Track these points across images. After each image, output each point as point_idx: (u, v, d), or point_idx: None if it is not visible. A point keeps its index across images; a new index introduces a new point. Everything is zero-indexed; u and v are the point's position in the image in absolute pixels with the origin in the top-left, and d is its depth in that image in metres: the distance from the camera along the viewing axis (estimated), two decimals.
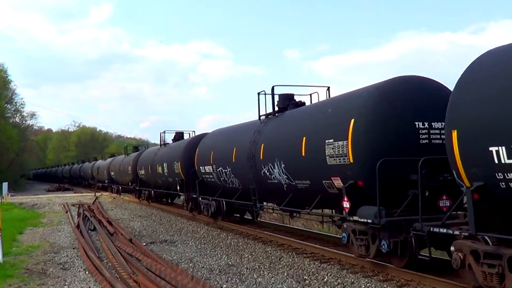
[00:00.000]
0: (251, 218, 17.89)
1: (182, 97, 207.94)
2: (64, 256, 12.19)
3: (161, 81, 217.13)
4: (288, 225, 17.29)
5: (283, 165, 11.78)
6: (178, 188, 21.06)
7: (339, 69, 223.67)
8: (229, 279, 9.44)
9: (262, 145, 12.97)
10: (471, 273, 6.85)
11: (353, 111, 9.40)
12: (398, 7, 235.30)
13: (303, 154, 10.77)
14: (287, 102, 13.81)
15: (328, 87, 13.25)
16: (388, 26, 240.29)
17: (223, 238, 14.67)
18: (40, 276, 9.88)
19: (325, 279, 9.10)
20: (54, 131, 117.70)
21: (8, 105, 60.40)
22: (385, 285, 8.40)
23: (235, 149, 14.85)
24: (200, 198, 18.58)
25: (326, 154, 9.81)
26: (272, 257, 11.43)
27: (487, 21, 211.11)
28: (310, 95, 13.72)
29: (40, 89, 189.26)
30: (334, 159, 9.62)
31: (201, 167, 18.14)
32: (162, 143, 26.73)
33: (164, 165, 23.15)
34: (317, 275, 9.45)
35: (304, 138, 10.83)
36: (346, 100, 10.36)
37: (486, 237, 6.57)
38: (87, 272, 10.13)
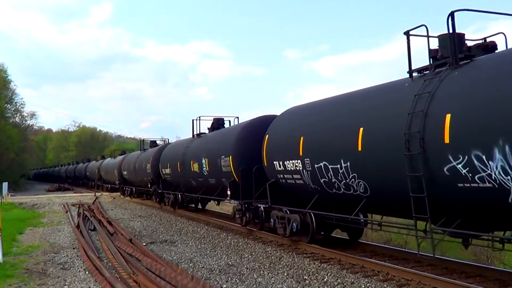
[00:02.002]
0: (347, 238, 12.87)
1: (182, 97, 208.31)
2: (64, 256, 12.19)
3: (162, 81, 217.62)
4: None
5: None
6: (229, 193, 15.11)
7: (339, 69, 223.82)
8: (229, 279, 9.44)
9: (448, 117, 7.32)
10: None
11: None
12: (398, 7, 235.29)
13: None
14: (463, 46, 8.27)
15: None
16: (388, 26, 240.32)
17: (223, 238, 14.66)
18: (40, 276, 9.88)
19: (325, 279, 9.10)
20: (54, 131, 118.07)
21: (8, 105, 60.50)
22: (385, 285, 8.40)
23: (361, 130, 9.16)
24: (262, 208, 13.60)
25: None
26: (272, 257, 11.43)
27: (488, 21, 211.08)
28: (484, 39, 8.50)
29: (40, 89, 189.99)
30: None
31: (275, 163, 12.40)
32: (195, 133, 20.43)
33: (203, 161, 17.53)
34: (317, 275, 9.45)
35: None
36: None
37: None
38: (87, 272, 10.13)
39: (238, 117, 18.81)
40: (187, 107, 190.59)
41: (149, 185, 26.76)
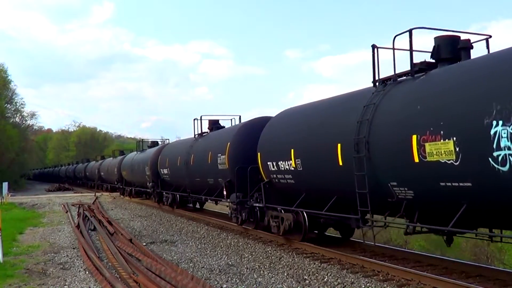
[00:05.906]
0: None
1: (182, 97, 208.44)
2: (64, 256, 12.19)
3: (162, 81, 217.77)
4: None
5: None
6: None
7: (339, 69, 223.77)
8: (229, 279, 9.44)
9: None
10: None
11: None
12: (398, 7, 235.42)
13: None
14: None
15: None
16: (388, 26, 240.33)
17: (223, 238, 14.67)
18: (40, 276, 9.88)
19: (325, 279, 9.10)
20: (54, 131, 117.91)
21: (8, 105, 60.37)
22: (385, 285, 8.40)
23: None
24: None
25: None
26: (272, 257, 11.43)
27: (489, 21, 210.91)
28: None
29: (40, 89, 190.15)
30: None
31: None
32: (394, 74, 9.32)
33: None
34: (317, 275, 9.45)
35: None
36: None
37: None
38: (87, 272, 10.13)
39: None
40: (187, 107, 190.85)
41: (224, 192, 16.11)
